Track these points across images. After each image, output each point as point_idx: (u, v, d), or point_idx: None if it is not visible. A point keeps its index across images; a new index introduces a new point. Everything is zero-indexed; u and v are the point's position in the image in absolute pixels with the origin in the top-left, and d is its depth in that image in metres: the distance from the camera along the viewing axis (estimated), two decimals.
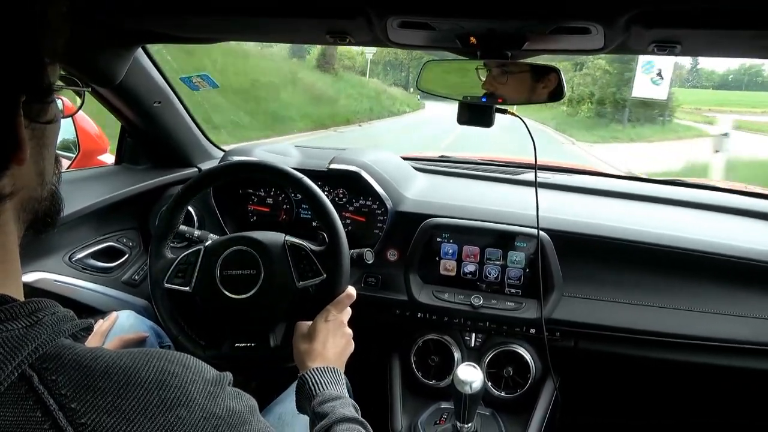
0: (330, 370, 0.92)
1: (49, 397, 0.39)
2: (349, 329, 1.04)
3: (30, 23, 0.41)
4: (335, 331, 1.00)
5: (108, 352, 0.44)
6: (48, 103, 0.46)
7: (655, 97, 13.99)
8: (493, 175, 1.69)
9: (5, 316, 0.41)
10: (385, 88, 24.28)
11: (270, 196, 1.60)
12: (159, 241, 1.15)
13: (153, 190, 1.54)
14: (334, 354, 0.97)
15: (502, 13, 0.85)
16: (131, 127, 1.52)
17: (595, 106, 20.69)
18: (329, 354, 0.96)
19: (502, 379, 1.36)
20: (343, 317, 1.04)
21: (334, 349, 0.98)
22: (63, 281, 1.31)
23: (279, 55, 17.89)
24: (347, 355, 1.02)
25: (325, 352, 0.96)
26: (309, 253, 1.12)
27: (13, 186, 0.44)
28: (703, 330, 1.24)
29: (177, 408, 0.43)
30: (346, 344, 1.01)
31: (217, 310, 1.13)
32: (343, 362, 0.99)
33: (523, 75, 1.02)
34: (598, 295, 1.31)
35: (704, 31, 0.84)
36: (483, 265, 1.36)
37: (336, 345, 0.98)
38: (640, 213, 1.47)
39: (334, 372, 0.92)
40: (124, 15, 1.05)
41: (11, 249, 0.47)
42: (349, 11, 0.89)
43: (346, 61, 24.10)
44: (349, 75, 22.86)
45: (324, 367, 0.92)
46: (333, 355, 0.97)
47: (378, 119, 19.13)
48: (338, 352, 0.99)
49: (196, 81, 1.49)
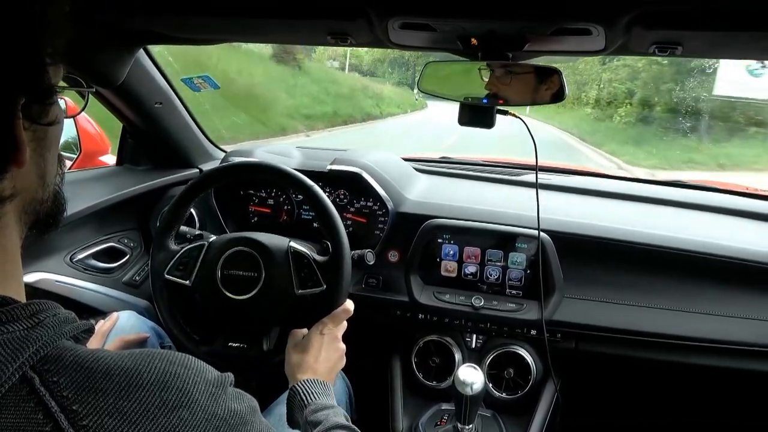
0: (320, 383, 0.92)
1: (51, 399, 0.39)
2: (343, 344, 1.03)
3: (29, 24, 0.41)
4: (329, 345, 1.00)
5: (109, 353, 0.44)
6: (49, 104, 0.46)
7: (757, 98, 8.90)
8: (494, 177, 1.69)
9: (6, 318, 0.41)
10: (367, 85, 20.10)
11: (271, 197, 1.60)
12: (162, 234, 1.16)
13: (154, 191, 1.54)
14: (325, 368, 0.97)
15: (503, 15, 0.85)
16: (132, 128, 1.52)
17: (638, 108, 13.97)
18: (320, 368, 0.96)
19: (503, 380, 1.36)
20: (338, 331, 1.04)
21: (326, 363, 0.98)
22: (64, 282, 1.32)
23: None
24: (338, 369, 1.01)
25: (317, 365, 0.96)
26: (311, 263, 1.11)
27: (14, 188, 0.44)
28: (703, 331, 1.24)
29: (179, 409, 0.43)
30: (338, 359, 1.01)
31: (214, 308, 1.14)
32: (333, 378, 0.99)
33: (525, 76, 1.02)
34: (599, 297, 1.31)
35: (705, 32, 0.84)
36: (484, 267, 1.36)
37: (328, 359, 0.98)
38: (642, 214, 1.47)
39: (324, 385, 0.92)
40: (125, 15, 1.05)
41: (12, 251, 0.47)
42: (350, 12, 0.89)
43: (322, 51, 20.06)
44: (320, 68, 18.60)
45: (314, 380, 0.92)
46: (324, 369, 0.97)
47: (347, 125, 14.72)
48: (330, 366, 0.98)
49: (197, 82, 1.49)
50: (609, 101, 15.24)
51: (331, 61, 21.88)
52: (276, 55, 14.86)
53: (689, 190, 1.65)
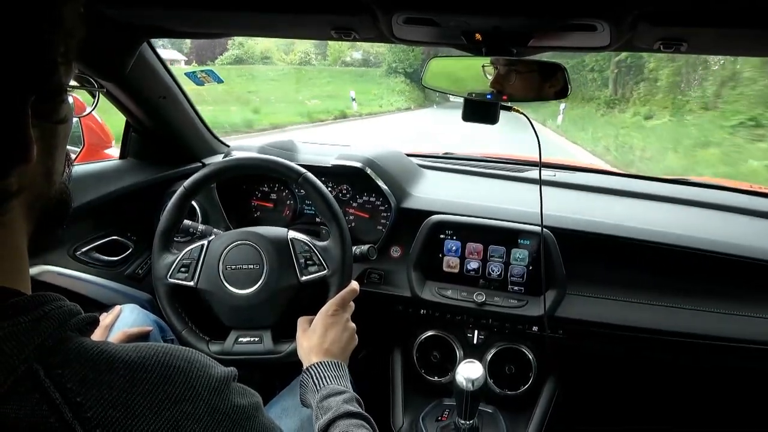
0: (334, 364, 0.93)
1: (55, 391, 0.39)
2: (353, 323, 1.04)
3: (42, 24, 0.41)
4: (339, 325, 1.01)
5: (114, 346, 0.44)
6: (59, 103, 0.46)
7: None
8: (497, 173, 1.69)
9: (12, 311, 0.41)
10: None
11: (274, 191, 1.60)
12: (163, 237, 1.16)
13: (157, 185, 1.55)
14: (338, 348, 0.98)
15: (508, 10, 0.85)
16: (136, 122, 1.52)
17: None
18: (333, 348, 0.97)
19: (504, 376, 1.36)
20: (347, 312, 1.05)
21: (339, 343, 0.98)
22: (67, 274, 1.32)
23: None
24: (351, 349, 1.02)
25: (329, 346, 0.97)
26: (312, 247, 1.12)
27: (20, 184, 0.44)
28: (706, 329, 1.23)
29: (182, 403, 0.43)
30: (349, 338, 1.01)
31: (220, 305, 1.14)
32: (347, 357, 1.00)
33: (529, 73, 1.02)
34: (601, 293, 1.31)
35: (711, 29, 0.83)
36: (486, 263, 1.36)
37: (340, 340, 0.99)
38: (645, 211, 1.46)
39: (338, 366, 0.93)
40: (130, 9, 1.05)
41: (19, 246, 0.47)
42: (354, 7, 0.89)
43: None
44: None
45: (328, 362, 0.92)
46: (337, 350, 0.97)
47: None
48: (342, 346, 0.99)
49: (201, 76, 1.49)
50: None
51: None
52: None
53: (693, 187, 1.65)
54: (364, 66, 32.06)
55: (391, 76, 27.91)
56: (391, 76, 28.00)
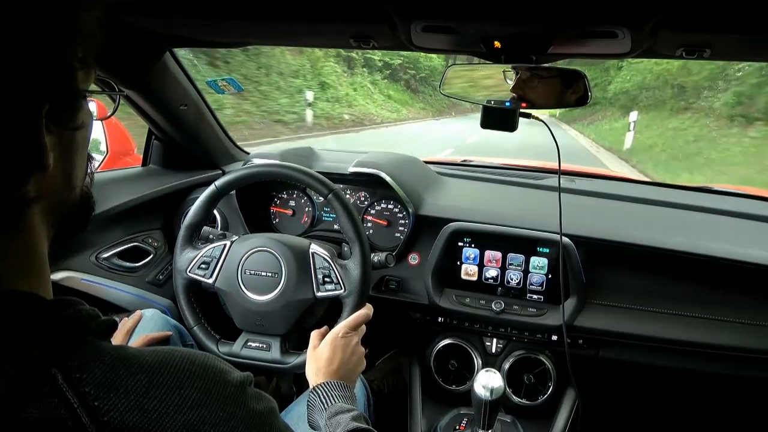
0: (341, 385, 0.92)
1: (73, 395, 0.39)
2: (362, 348, 1.04)
3: (58, 30, 0.41)
4: (348, 348, 1.00)
5: (132, 350, 0.44)
6: (77, 109, 0.46)
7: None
8: (516, 180, 1.68)
9: (32, 314, 0.41)
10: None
11: (293, 198, 1.61)
12: (188, 230, 1.19)
13: (178, 192, 1.57)
14: (345, 371, 0.97)
15: (527, 18, 0.84)
16: (158, 130, 1.54)
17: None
18: (341, 371, 0.97)
19: (523, 385, 1.34)
20: (357, 335, 1.04)
21: (346, 366, 0.98)
22: (89, 280, 1.34)
23: None
24: (358, 373, 1.02)
25: (337, 368, 0.96)
26: (331, 264, 1.12)
27: (38, 191, 0.44)
28: (727, 340, 1.20)
29: (199, 408, 0.43)
30: (357, 362, 1.01)
31: (235, 307, 1.15)
32: (354, 380, 0.99)
33: (550, 80, 1.01)
34: (621, 303, 1.29)
35: (734, 34, 0.82)
36: (505, 271, 1.34)
37: (348, 362, 0.99)
38: (666, 220, 1.44)
39: (345, 387, 0.92)
40: (153, 19, 1.07)
41: (39, 250, 0.47)
42: (373, 16, 0.89)
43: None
44: None
45: (335, 382, 0.92)
46: (344, 372, 0.97)
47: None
48: (350, 369, 0.99)
49: (222, 84, 1.51)
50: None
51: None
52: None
53: (716, 195, 1.62)
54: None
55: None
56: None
